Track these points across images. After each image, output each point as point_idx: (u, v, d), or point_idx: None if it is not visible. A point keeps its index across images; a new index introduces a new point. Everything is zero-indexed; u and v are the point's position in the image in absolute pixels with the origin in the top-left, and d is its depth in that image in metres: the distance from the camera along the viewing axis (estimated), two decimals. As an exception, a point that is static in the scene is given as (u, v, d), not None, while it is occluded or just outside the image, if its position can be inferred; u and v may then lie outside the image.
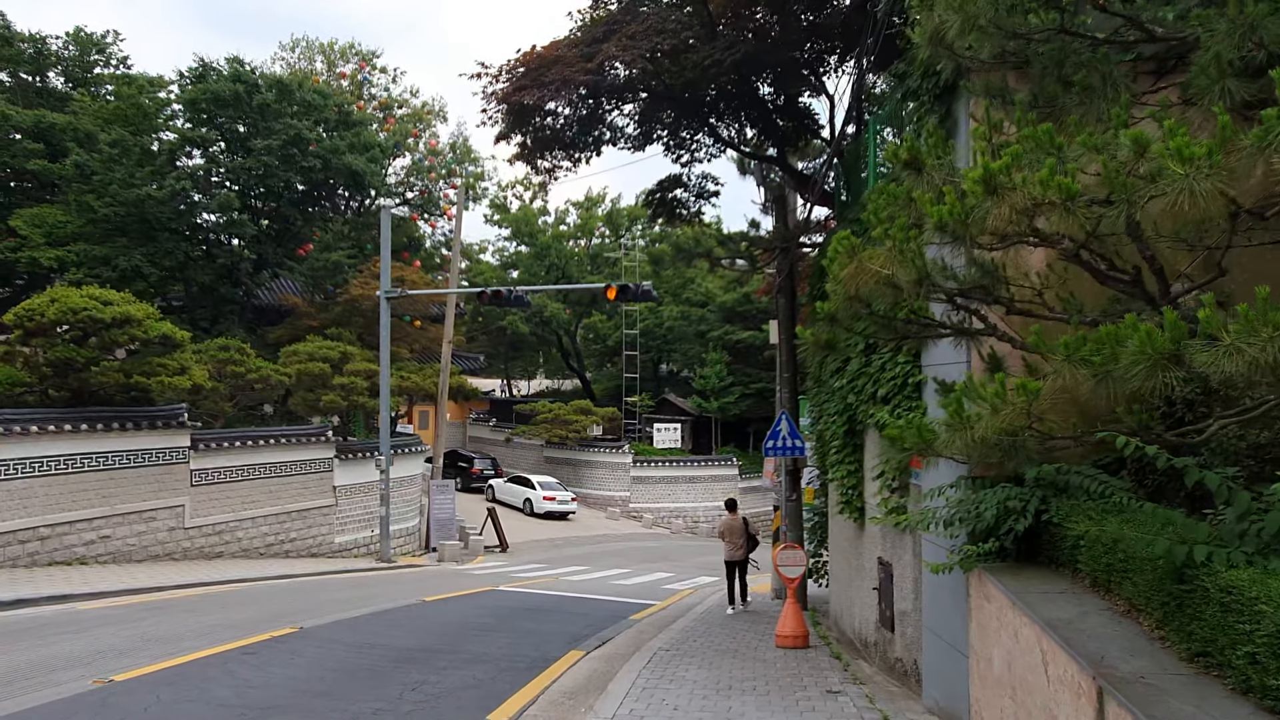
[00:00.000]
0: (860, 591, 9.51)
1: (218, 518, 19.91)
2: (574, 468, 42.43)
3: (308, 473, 22.42)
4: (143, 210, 31.81)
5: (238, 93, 33.87)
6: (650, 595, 17.12)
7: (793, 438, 14.01)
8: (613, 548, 30.07)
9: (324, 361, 23.74)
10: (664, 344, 51.90)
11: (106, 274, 31.55)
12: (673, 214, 13.97)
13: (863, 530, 9.25)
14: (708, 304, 47.14)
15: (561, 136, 12.95)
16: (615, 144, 13.57)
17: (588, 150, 13.44)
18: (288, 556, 21.70)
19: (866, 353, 8.34)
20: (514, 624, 11.85)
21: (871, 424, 8.08)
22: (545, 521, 35.42)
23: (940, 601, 6.49)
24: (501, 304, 20.87)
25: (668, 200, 13.89)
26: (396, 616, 11.87)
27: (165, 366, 17.27)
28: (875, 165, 9.39)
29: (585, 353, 58.54)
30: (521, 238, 57.16)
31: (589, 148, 13.36)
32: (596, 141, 13.21)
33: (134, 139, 32.77)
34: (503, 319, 51.88)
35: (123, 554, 17.70)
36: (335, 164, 34.96)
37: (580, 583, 19.24)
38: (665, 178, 13.88)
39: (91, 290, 16.81)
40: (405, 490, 26.31)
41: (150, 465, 18.30)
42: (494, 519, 28.21)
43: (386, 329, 21.92)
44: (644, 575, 21.86)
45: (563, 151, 13.41)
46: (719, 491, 40.99)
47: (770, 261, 15.57)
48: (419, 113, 49.29)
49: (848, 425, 9.21)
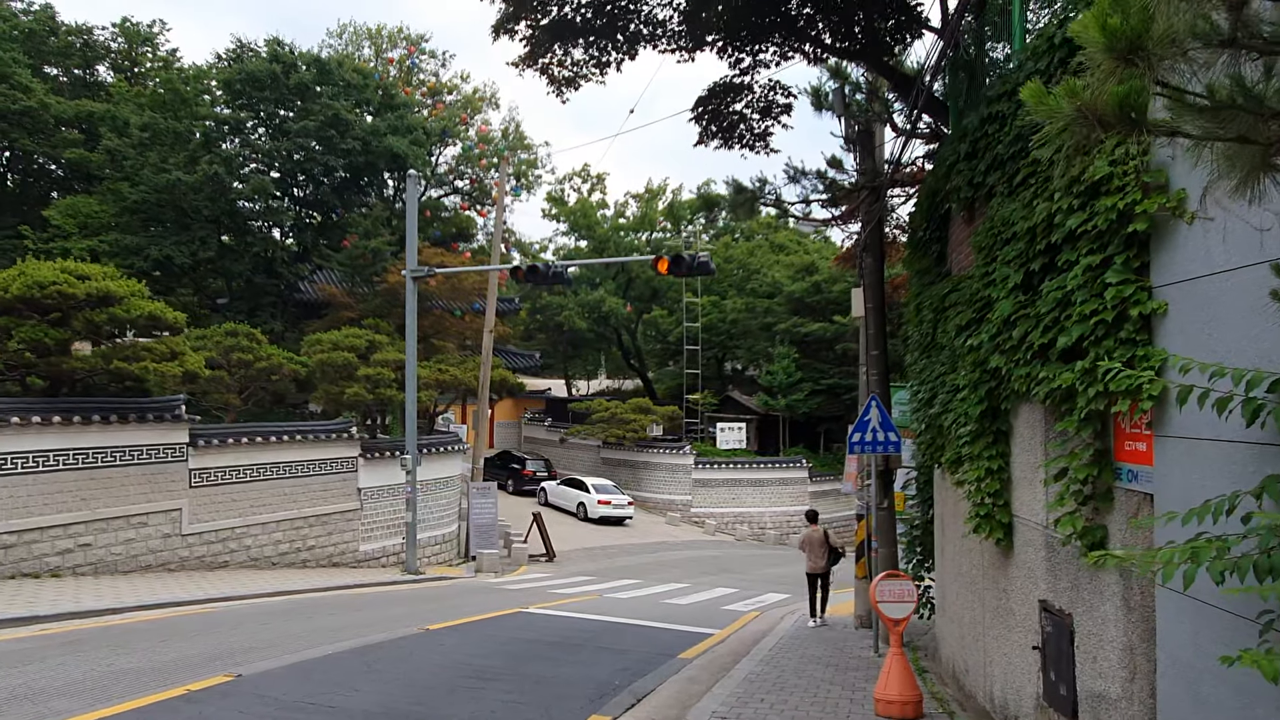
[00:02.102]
0: (1002, 643, 6.58)
1: (222, 523, 17.71)
2: (632, 469, 39.79)
3: (328, 473, 20.15)
4: (175, 196, 30.14)
5: (274, 73, 32.06)
6: (708, 620, 14.31)
7: (885, 430, 11.07)
8: (670, 557, 27.28)
9: (349, 351, 21.46)
10: (728, 339, 48.90)
11: (139, 264, 30.01)
12: (730, 133, 11.00)
13: (1009, 556, 6.32)
14: (775, 294, 44.00)
15: (584, 25, 10.13)
16: (655, 44, 10.68)
17: (619, 50, 10.57)
18: (304, 566, 19.45)
19: (1028, 285, 5.44)
20: (525, 668, 9.17)
21: (1037, 396, 5.18)
22: (599, 527, 32.80)
23: (1220, 705, 3.58)
24: (541, 281, 18.33)
25: (723, 114, 10.83)
26: (376, 657, 9.29)
27: (152, 351, 15.04)
28: (1022, 28, 6.47)
29: (646, 351, 55.89)
30: (579, 231, 54.84)
31: (620, 47, 10.50)
32: (630, 40, 10.35)
33: (165, 123, 31.17)
34: (560, 314, 49.65)
35: (107, 565, 15.56)
36: (376, 147, 32.93)
37: (627, 602, 16.52)
38: (718, 82, 10.77)
39: (67, 264, 14.70)
40: (441, 493, 23.94)
41: (141, 464, 16.15)
42: (540, 525, 25.69)
43: (413, 312, 19.52)
44: (702, 592, 19.05)
45: (585, 49, 10.55)
46: (787, 496, 37.89)
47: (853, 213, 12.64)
48: (470, 99, 47.26)
49: (987, 403, 6.29)
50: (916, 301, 8.97)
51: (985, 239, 6.28)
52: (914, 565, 11.39)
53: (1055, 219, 4.89)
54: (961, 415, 6.73)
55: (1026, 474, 5.96)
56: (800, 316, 42.08)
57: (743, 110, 10.29)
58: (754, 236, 57.63)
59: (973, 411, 6.42)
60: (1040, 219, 5.12)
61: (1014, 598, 6.26)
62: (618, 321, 50.07)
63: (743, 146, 10.87)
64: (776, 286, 43.98)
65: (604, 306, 47.71)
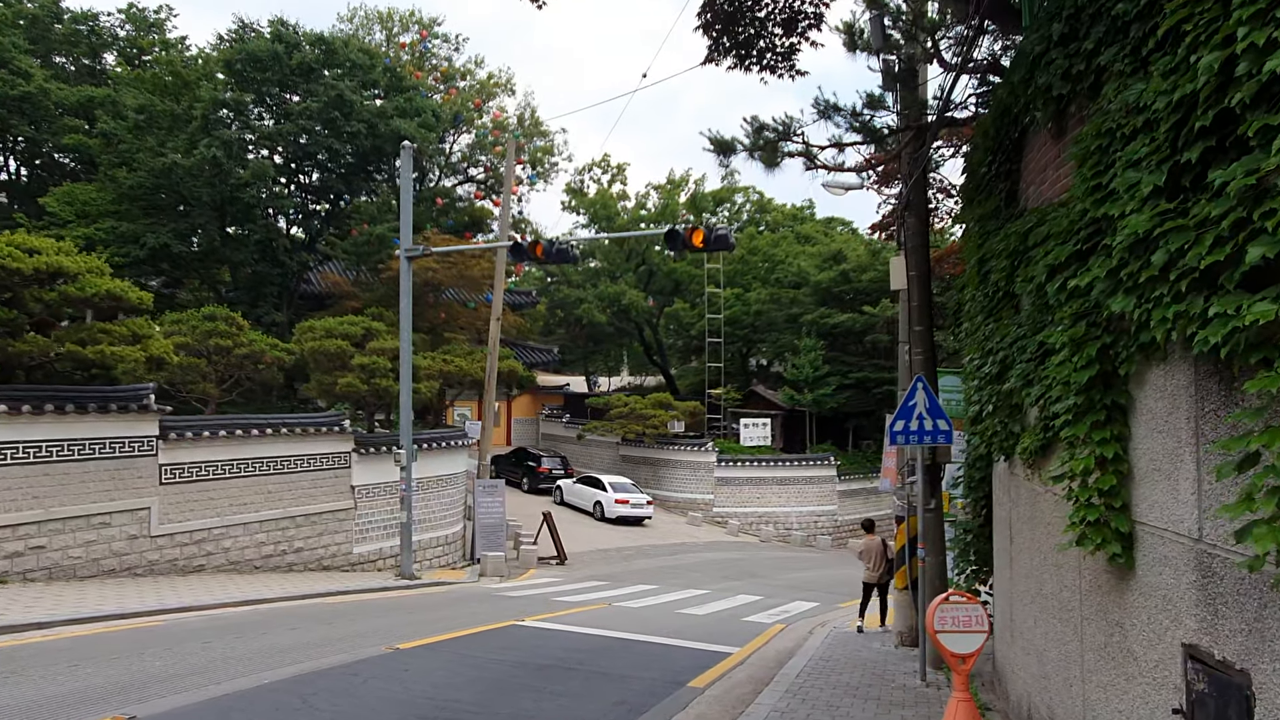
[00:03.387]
0: (1114, 695, 4.89)
1: (197, 523, 16.25)
2: (652, 467, 38.13)
3: (318, 469, 18.67)
4: (172, 182, 28.86)
5: (276, 52, 30.67)
6: (727, 634, 12.64)
7: (934, 417, 9.33)
8: (690, 560, 25.60)
9: (343, 339, 19.94)
10: (752, 332, 47.04)
11: (134, 252, 28.79)
12: (747, 50, 9.11)
13: (1127, 579, 4.60)
14: (801, 285, 42.12)
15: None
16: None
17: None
18: (291, 570, 17.97)
19: (1174, 188, 3.74)
20: (500, 704, 7.54)
21: (1199, 345, 3.47)
22: (617, 527, 31.16)
23: None
24: (547, 259, 16.73)
25: (739, 18, 8.91)
26: (318, 688, 7.71)
27: (110, 334, 13.57)
28: None
29: (669, 346, 54.23)
30: (599, 222, 53.22)
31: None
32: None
33: (164, 105, 29.88)
34: (578, 307, 48.12)
35: (64, 569, 14.13)
36: (383, 130, 31.47)
37: (638, 612, 14.88)
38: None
39: (15, 237, 13.24)
40: (444, 491, 22.42)
41: (104, 458, 14.71)
42: (550, 525, 24.10)
43: (407, 294, 17.94)
44: (722, 600, 17.36)
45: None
46: (814, 495, 36.07)
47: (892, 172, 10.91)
48: (484, 85, 45.74)
49: (1096, 366, 4.58)
50: (979, 254, 7.24)
51: (1094, 142, 4.57)
52: (967, 577, 9.64)
53: (1237, 69, 3.18)
54: (1056, 387, 5.01)
55: (1160, 464, 4.24)
56: (828, 307, 40.20)
57: (763, 19, 8.57)
58: (779, 228, 55.85)
59: (1076, 379, 4.70)
60: (1204, 81, 3.41)
61: (1136, 636, 4.53)
62: (638, 315, 48.45)
63: (762, 68, 9.12)
64: (803, 276, 42.12)
65: (624, 299, 46.11)
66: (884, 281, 39.04)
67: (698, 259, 47.18)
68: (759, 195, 58.31)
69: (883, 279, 38.71)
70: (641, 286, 49.57)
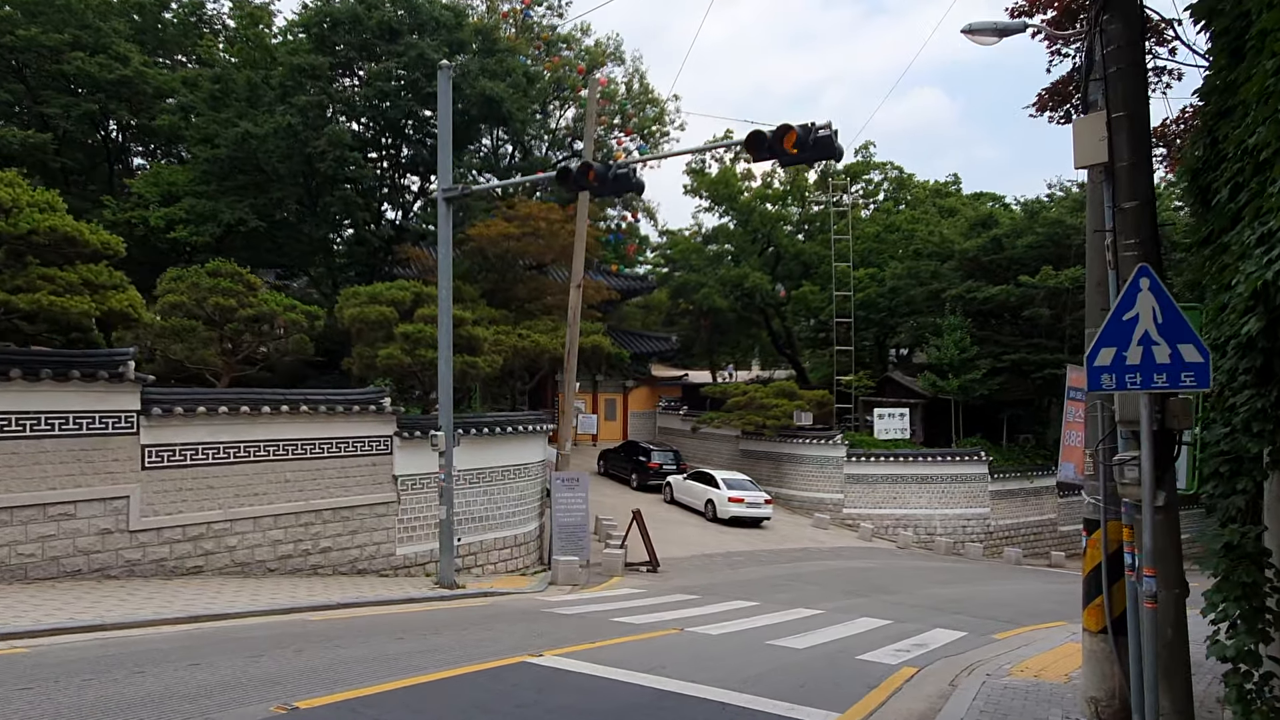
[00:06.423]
0: None
1: (192, 517, 13.59)
2: (774, 463, 34.08)
3: (350, 455, 15.84)
4: (247, 152, 27.09)
5: (356, 13, 28.52)
6: (824, 685, 8.73)
7: (1172, 341, 5.24)
8: (808, 569, 21.51)
9: (389, 305, 17.06)
10: (888, 316, 42.12)
11: (211, 230, 27.30)
12: None
13: None
14: (945, 257, 37.01)
15: None
16: None
17: None
18: (316, 574, 15.16)
19: None
20: None
21: None
22: (729, 529, 27.33)
23: None
24: (603, 190, 13.27)
25: None
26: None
27: (53, 280, 10.97)
28: None
29: (799, 336, 49.87)
30: (721, 203, 49.27)
31: None
32: None
33: (241, 74, 28.23)
34: (697, 292, 44.55)
35: (10, 570, 11.65)
36: (468, 91, 28.76)
37: (713, 641, 11.11)
38: None
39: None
40: (514, 484, 19.28)
41: (65, 435, 12.19)
42: (640, 526, 20.56)
43: (446, 242, 14.77)
44: (836, 624, 13.27)
45: None
46: (961, 495, 31.07)
47: None
48: (591, 52, 42.78)
49: None
50: None
51: None
52: (1238, 636, 5.30)
53: None
54: None
55: None
56: (975, 280, 34.96)
57: None
58: (919, 205, 50.46)
59: None
60: None
61: None
62: (764, 301, 44.37)
63: None
64: (946, 246, 36.99)
65: (747, 282, 42.22)
66: (1044, 248, 33.45)
67: (825, 239, 42.77)
68: (898, 171, 53.18)
69: (1042, 244, 33.19)
70: (768, 270, 45.54)
